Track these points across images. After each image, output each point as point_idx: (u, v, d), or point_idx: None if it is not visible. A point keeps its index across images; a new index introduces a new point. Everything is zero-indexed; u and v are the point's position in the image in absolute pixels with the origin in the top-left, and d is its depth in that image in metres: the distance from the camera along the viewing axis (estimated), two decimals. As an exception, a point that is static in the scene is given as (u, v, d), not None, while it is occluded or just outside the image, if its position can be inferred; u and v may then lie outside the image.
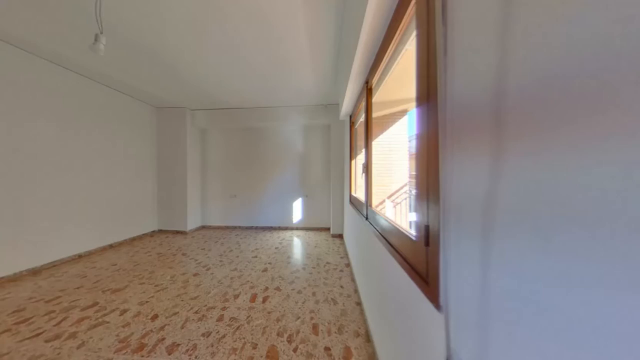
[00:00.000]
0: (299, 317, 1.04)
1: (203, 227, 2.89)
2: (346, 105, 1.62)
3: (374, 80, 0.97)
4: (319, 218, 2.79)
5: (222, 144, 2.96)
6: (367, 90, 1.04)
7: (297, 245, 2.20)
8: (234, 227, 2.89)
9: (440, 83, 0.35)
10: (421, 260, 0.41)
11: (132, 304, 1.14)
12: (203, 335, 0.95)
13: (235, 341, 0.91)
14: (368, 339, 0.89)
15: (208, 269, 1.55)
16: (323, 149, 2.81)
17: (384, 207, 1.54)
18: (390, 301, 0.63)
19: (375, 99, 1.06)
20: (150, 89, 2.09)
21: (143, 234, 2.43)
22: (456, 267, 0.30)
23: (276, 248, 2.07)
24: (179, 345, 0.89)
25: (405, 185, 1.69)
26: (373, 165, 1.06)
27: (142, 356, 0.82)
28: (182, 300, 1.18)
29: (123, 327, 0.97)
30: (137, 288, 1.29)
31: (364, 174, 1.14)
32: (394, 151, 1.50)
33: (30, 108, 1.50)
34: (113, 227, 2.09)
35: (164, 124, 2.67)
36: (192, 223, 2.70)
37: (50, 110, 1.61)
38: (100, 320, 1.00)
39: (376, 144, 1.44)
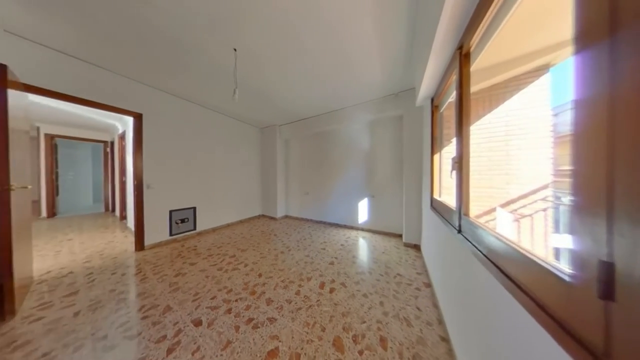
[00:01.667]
0: (364, 322, 1.06)
1: (287, 217, 3.97)
2: (426, 86, 1.35)
3: (474, 42, 0.74)
4: (387, 221, 2.71)
5: (298, 150, 3.83)
6: (462, 58, 0.81)
7: (363, 246, 2.24)
8: (307, 220, 3.65)
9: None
10: (587, 321, 0.24)
11: (249, 262, 1.88)
12: (286, 301, 1.25)
13: (308, 317, 1.10)
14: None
15: (289, 250, 2.23)
16: (393, 144, 2.68)
17: (493, 219, 1.06)
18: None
19: (476, 66, 0.79)
20: (257, 116, 3.24)
21: (253, 216, 3.89)
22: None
23: (342, 245, 2.28)
24: (272, 301, 1.26)
25: (544, 187, 0.95)
26: (471, 159, 0.79)
27: (254, 299, 1.30)
28: (274, 269, 1.70)
29: (245, 275, 1.62)
30: (252, 252, 2.18)
31: (454, 172, 0.88)
32: (517, 135, 1.01)
33: (207, 139, 3.02)
34: (241, 209, 3.58)
35: (263, 139, 4.00)
36: (280, 212, 3.85)
37: (216, 139, 3.12)
38: (235, 266, 1.81)
39: (477, 128, 1.05)
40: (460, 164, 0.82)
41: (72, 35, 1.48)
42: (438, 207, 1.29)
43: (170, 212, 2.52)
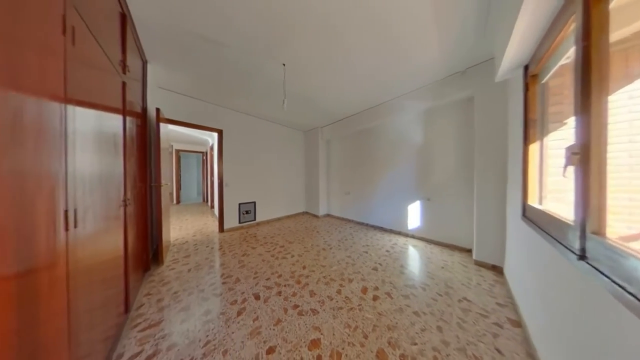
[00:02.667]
0: (415, 344, 0.95)
1: (328, 215, 4.09)
2: (515, 51, 1.02)
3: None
4: (448, 231, 2.24)
5: (339, 150, 3.84)
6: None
7: (414, 256, 1.99)
8: (348, 220, 3.60)
9: None
10: None
11: (295, 254, 2.08)
12: (328, 297, 1.29)
13: (349, 319, 1.09)
14: None
15: (331, 248, 2.29)
16: (457, 134, 2.16)
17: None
18: None
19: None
20: (301, 120, 3.50)
21: (298, 213, 4.24)
22: None
23: (387, 251, 2.12)
24: (315, 294, 1.33)
25: None
26: (610, 147, 0.52)
27: (299, 287, 1.43)
28: (317, 264, 1.80)
29: (292, 264, 1.80)
30: (297, 245, 2.40)
31: (571, 168, 0.62)
32: None
33: (266, 146, 3.54)
34: (288, 205, 3.98)
35: (307, 141, 4.28)
36: (322, 210, 4.01)
37: (270, 144, 3.62)
38: (284, 255, 2.07)
39: (622, 98, 0.55)
40: (586, 155, 0.56)
41: (187, 82, 2.20)
42: (537, 219, 0.95)
43: (239, 204, 3.20)
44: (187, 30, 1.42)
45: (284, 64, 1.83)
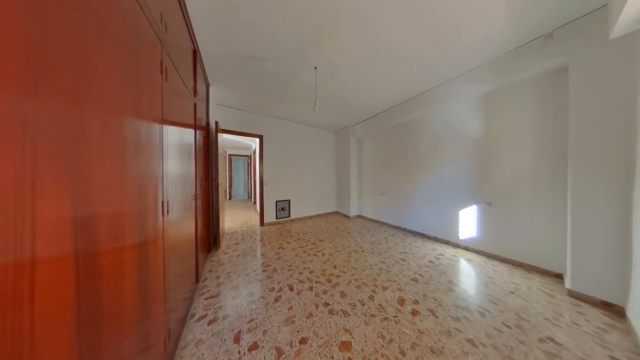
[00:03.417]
0: None
1: (360, 216, 3.95)
2: None
3: None
4: (520, 245, 1.73)
5: (371, 148, 3.65)
6: None
7: (468, 273, 1.65)
8: (382, 223, 3.38)
9: None
10: None
11: (326, 252, 2.13)
12: (359, 301, 1.26)
13: (383, 329, 1.03)
14: None
15: (362, 251, 2.20)
16: (533, 122, 1.66)
17: None
18: None
19: None
20: (332, 120, 3.51)
21: (329, 212, 4.27)
22: None
23: (430, 261, 1.87)
24: (346, 295, 1.32)
25: None
26: None
27: (330, 286, 1.44)
28: (348, 265, 1.77)
29: (323, 262, 1.83)
30: (328, 244, 2.42)
31: None
32: None
33: (299, 147, 3.73)
34: (319, 204, 4.07)
35: (337, 141, 4.26)
36: (353, 211, 3.91)
37: (302, 146, 3.80)
38: (315, 252, 2.13)
39: None
40: None
41: (235, 96, 2.59)
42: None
43: (276, 202, 3.53)
44: (238, 53, 1.68)
45: (315, 67, 1.88)
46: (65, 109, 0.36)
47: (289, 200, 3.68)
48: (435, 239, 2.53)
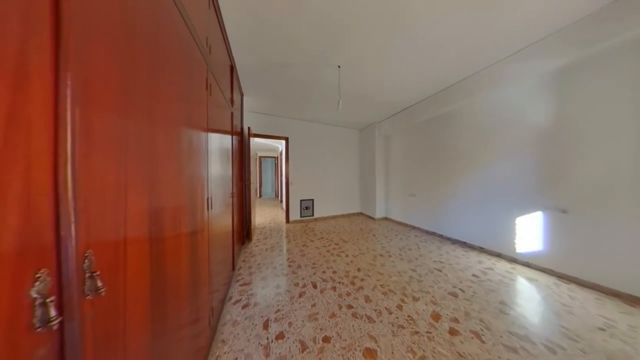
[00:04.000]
0: None
1: (386, 219, 3.73)
2: None
3: None
4: (613, 268, 1.33)
5: (401, 145, 3.38)
6: None
7: (531, 296, 1.33)
8: (413, 227, 3.10)
9: None
10: None
11: (350, 253, 2.11)
12: (386, 309, 1.19)
13: (413, 343, 0.95)
14: None
15: (390, 256, 2.06)
16: (635, 101, 1.26)
17: None
18: None
19: None
20: (356, 118, 3.42)
21: (353, 213, 4.16)
22: None
23: (474, 275, 1.61)
24: (371, 301, 1.27)
25: None
26: None
27: (354, 289, 1.42)
28: (373, 270, 1.71)
29: (346, 264, 1.82)
30: (351, 245, 2.36)
31: None
32: None
33: (322, 148, 3.77)
34: (343, 204, 4.02)
35: (362, 139, 4.11)
36: (379, 213, 3.72)
37: (326, 146, 3.83)
38: (338, 253, 2.13)
39: None
40: None
41: (263, 103, 2.82)
42: None
43: (301, 200, 3.66)
44: (267, 63, 1.82)
45: (339, 66, 1.87)
46: (143, 125, 0.47)
47: (312, 200, 3.76)
48: (482, 250, 2.16)
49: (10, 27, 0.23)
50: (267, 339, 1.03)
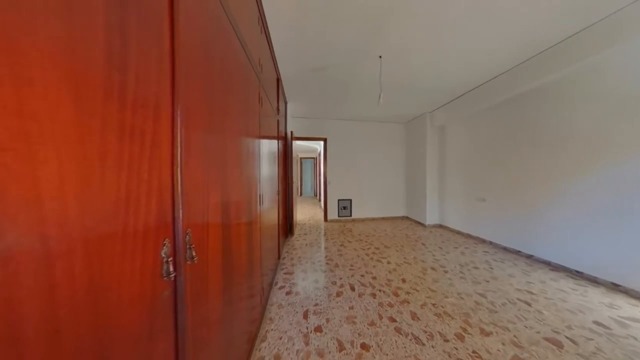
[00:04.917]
0: None
1: (440, 226, 3.15)
2: None
3: None
4: None
5: (462, 136, 2.75)
6: None
7: None
8: (480, 240, 2.48)
9: None
10: None
11: (392, 260, 1.92)
12: (439, 333, 1.01)
13: None
14: None
15: (445, 272, 1.72)
16: None
17: None
18: None
19: None
20: (401, 111, 3.07)
21: (396, 216, 3.76)
22: None
23: (598, 324, 1.07)
24: (419, 319, 1.11)
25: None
26: None
27: (397, 301, 1.28)
28: (422, 284, 1.49)
29: (388, 272, 1.67)
30: (394, 252, 2.13)
31: None
32: None
33: (361, 146, 3.60)
34: (384, 206, 3.70)
35: (409, 134, 3.65)
36: (430, 218, 3.18)
37: (365, 144, 3.62)
38: (379, 258, 1.97)
39: None
40: None
41: (303, 107, 3.02)
42: None
43: (338, 200, 3.67)
44: (307, 69, 1.94)
45: (380, 56, 1.73)
46: (218, 137, 0.61)
47: (350, 200, 3.69)
48: (615, 286, 1.44)
49: (149, 76, 0.35)
50: (307, 328, 1.10)
